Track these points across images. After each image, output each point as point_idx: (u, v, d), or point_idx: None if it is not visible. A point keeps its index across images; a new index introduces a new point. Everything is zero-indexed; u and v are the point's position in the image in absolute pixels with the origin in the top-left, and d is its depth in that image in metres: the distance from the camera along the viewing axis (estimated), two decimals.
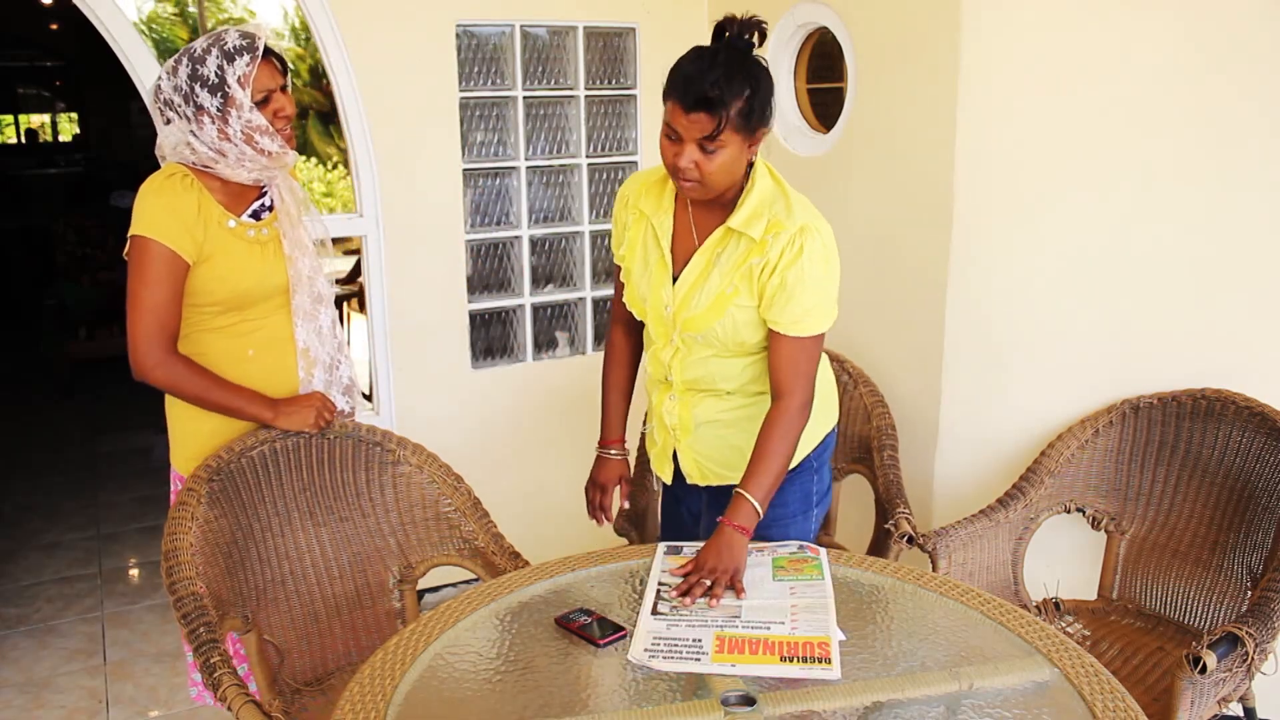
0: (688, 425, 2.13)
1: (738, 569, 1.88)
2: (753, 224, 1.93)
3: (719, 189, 1.91)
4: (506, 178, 3.63)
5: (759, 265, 1.93)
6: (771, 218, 1.93)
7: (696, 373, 2.07)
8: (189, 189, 2.06)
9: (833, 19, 3.10)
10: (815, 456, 2.18)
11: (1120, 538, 2.62)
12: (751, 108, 1.83)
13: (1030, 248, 2.69)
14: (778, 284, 1.91)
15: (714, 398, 2.10)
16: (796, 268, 1.90)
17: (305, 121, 11.40)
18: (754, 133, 1.87)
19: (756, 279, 1.93)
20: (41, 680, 3.28)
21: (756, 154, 1.95)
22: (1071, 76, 2.59)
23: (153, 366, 2.05)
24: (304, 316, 2.25)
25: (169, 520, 2.03)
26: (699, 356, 2.05)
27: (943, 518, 2.75)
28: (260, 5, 9.09)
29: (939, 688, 1.59)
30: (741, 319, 1.97)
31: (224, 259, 2.10)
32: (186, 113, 2.04)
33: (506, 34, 3.50)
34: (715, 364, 2.05)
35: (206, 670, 1.74)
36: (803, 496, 2.17)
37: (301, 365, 2.26)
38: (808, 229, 1.91)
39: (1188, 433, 2.58)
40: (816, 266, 1.92)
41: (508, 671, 1.69)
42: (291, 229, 2.21)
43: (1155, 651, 2.40)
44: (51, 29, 10.76)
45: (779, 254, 1.91)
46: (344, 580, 2.37)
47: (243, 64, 2.02)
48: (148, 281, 2.02)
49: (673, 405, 2.14)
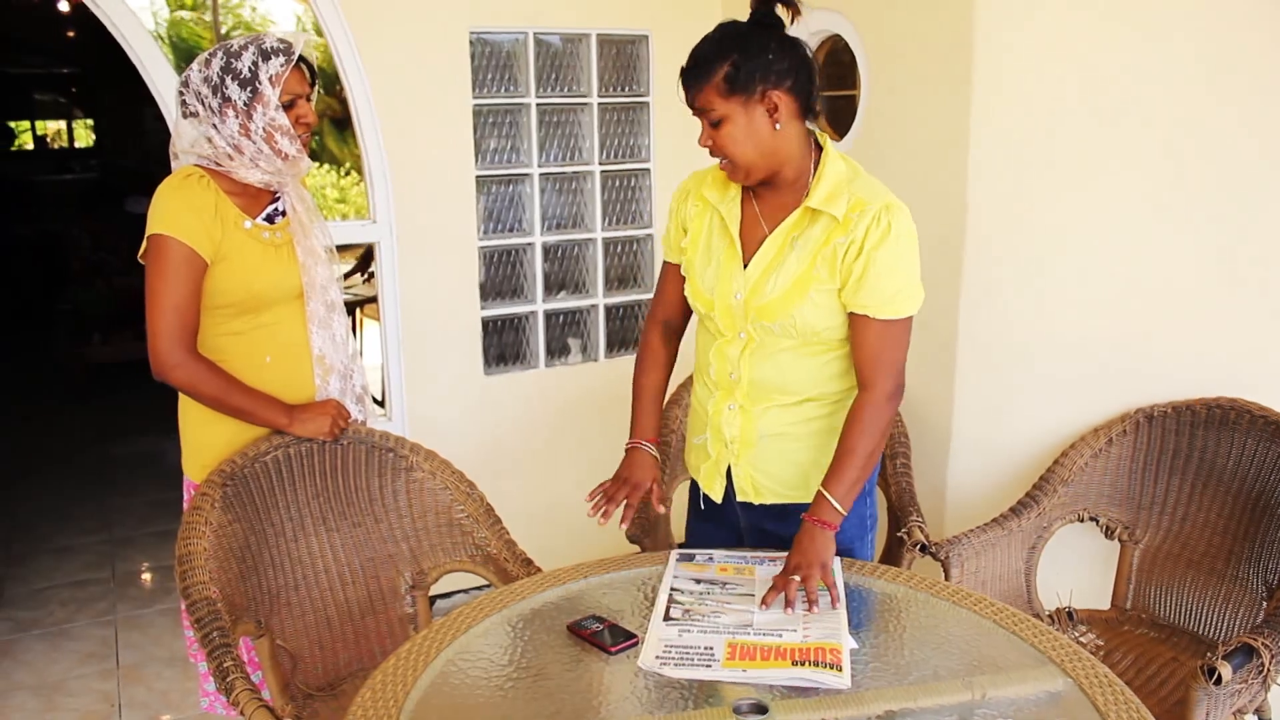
0: (750, 439, 2.03)
1: (825, 563, 1.83)
2: (834, 203, 1.86)
3: (749, 166, 1.87)
4: (519, 184, 3.64)
5: (844, 244, 1.85)
6: (852, 196, 1.86)
7: (766, 372, 1.97)
8: (206, 189, 2.08)
9: (846, 27, 3.10)
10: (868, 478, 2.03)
11: (1134, 547, 2.61)
12: (738, 71, 1.79)
13: (1044, 256, 2.68)
14: (864, 264, 1.83)
15: (780, 409, 2.00)
16: (886, 246, 1.83)
17: (320, 126, 11.43)
18: (751, 96, 1.80)
19: (841, 259, 1.86)
20: (54, 683, 3.29)
21: (800, 127, 1.88)
22: (1084, 86, 2.59)
23: (174, 366, 2.05)
24: (318, 323, 2.25)
25: (183, 525, 2.04)
26: (771, 351, 1.96)
27: (955, 526, 2.75)
28: (275, 12, 9.12)
29: (952, 697, 1.59)
30: (823, 303, 1.89)
31: (240, 259, 2.11)
32: (212, 104, 2.06)
33: (520, 41, 3.51)
34: (788, 360, 1.96)
35: (220, 675, 1.74)
36: (858, 521, 2.07)
37: (318, 372, 2.26)
38: (893, 206, 1.85)
39: (1202, 442, 2.57)
40: (905, 243, 1.86)
41: (519, 678, 1.69)
42: (304, 237, 2.22)
43: (1170, 662, 2.39)
44: (68, 36, 10.82)
45: (864, 232, 1.83)
46: (356, 586, 2.37)
47: (277, 64, 2.05)
48: (168, 279, 2.03)
49: (733, 416, 2.03)
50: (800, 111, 1.86)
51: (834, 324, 1.92)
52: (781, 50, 1.82)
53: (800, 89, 1.84)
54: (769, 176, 1.90)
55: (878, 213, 1.84)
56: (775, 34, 1.84)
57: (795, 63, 1.83)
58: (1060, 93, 2.59)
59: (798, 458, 2.02)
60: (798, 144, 1.88)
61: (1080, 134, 2.62)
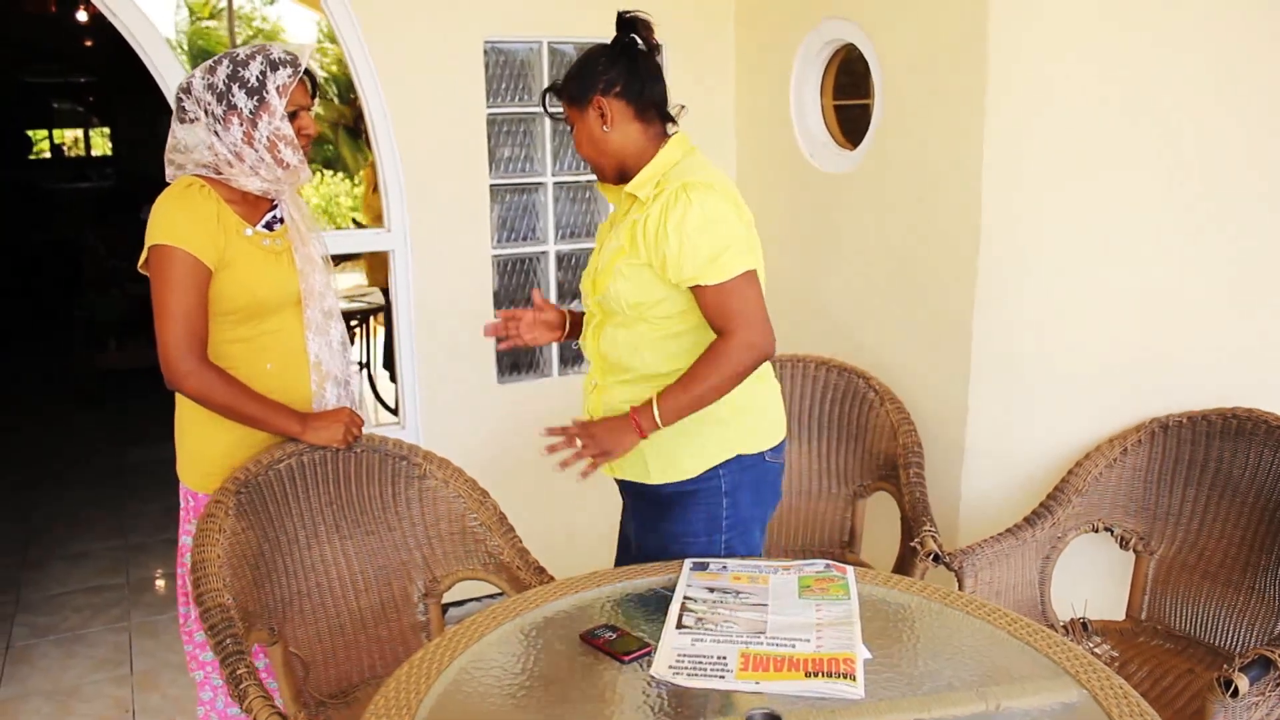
0: (596, 413, 2.19)
1: (609, 451, 2.03)
2: (643, 186, 2.06)
3: (594, 162, 2.13)
4: (533, 193, 3.64)
5: (642, 220, 2.02)
6: (664, 180, 2.04)
7: (605, 348, 2.15)
8: (208, 199, 2.09)
9: (859, 36, 3.10)
10: (726, 477, 2.13)
11: (1149, 558, 2.60)
12: (571, 83, 2.09)
13: (1058, 264, 2.68)
14: (674, 239, 1.98)
15: (619, 385, 2.15)
16: (689, 219, 1.96)
17: (334, 134, 11.49)
18: (585, 103, 2.07)
19: (642, 235, 2.02)
20: (69, 689, 3.30)
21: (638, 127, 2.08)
22: (1099, 94, 2.58)
23: (186, 374, 2.06)
24: (316, 330, 2.27)
25: (197, 532, 2.05)
26: (608, 328, 2.14)
27: (969, 536, 2.74)
28: (290, 21, 9.14)
29: (966, 708, 1.58)
30: (631, 276, 2.05)
31: (244, 266, 2.12)
32: (216, 112, 2.07)
33: (534, 51, 3.52)
34: (622, 338, 2.12)
35: (233, 682, 1.75)
36: (708, 519, 2.14)
37: (314, 378, 2.27)
38: (693, 185, 1.99)
39: (1218, 452, 2.56)
40: (709, 215, 1.98)
41: (532, 687, 1.69)
42: (303, 245, 2.24)
43: (1185, 674, 2.37)
44: (85, 45, 10.90)
45: (660, 209, 1.99)
46: (369, 593, 2.37)
47: (284, 74, 2.08)
48: (175, 289, 2.04)
49: (593, 391, 2.22)
50: (635, 114, 2.07)
51: (647, 300, 2.06)
52: (612, 63, 2.07)
53: (630, 94, 2.06)
54: (617, 171, 2.12)
55: (675, 191, 1.99)
56: (616, 49, 2.08)
57: (624, 72, 2.06)
58: (1076, 102, 2.58)
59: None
60: (635, 142, 2.09)
61: (1095, 144, 2.61)
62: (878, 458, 2.87)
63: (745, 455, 2.13)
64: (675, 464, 2.12)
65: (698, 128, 4.00)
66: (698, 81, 3.71)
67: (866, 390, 2.92)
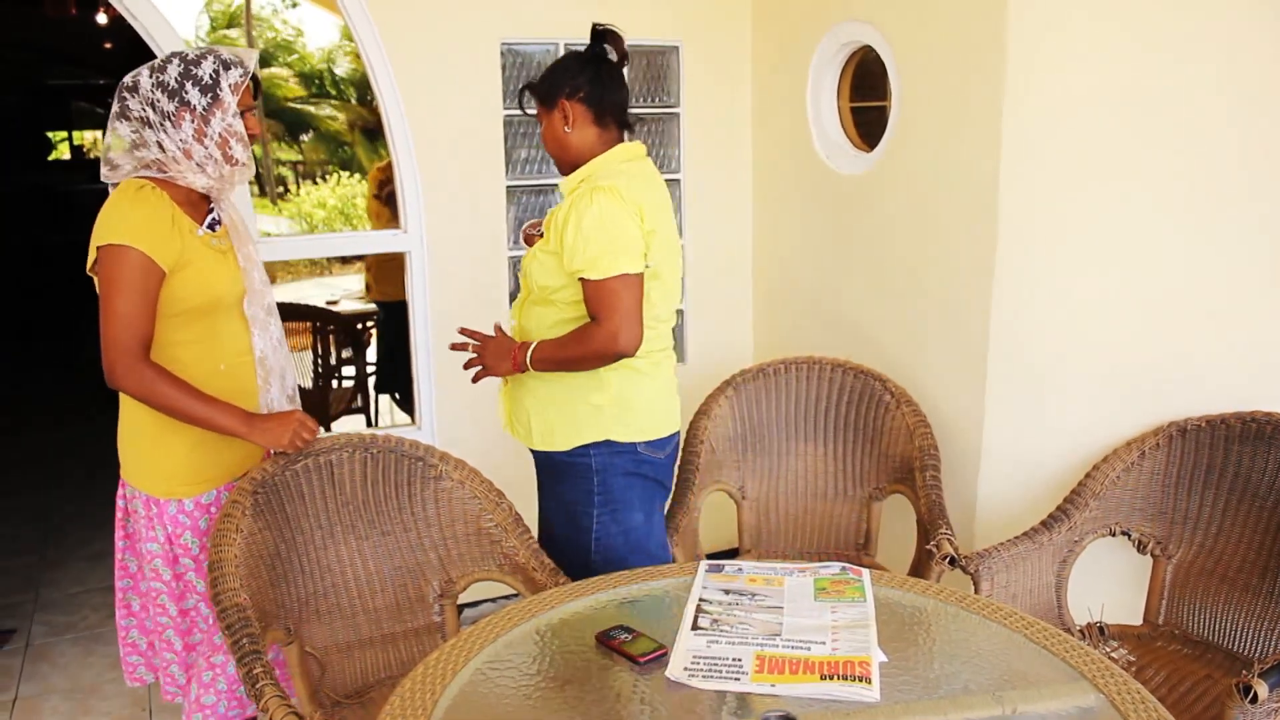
0: (509, 381, 2.41)
1: (491, 370, 2.32)
2: (569, 184, 2.30)
3: (555, 159, 2.36)
4: (550, 195, 3.65)
5: (557, 214, 2.23)
6: (586, 179, 2.24)
7: (525, 321, 2.36)
8: (162, 200, 2.10)
9: (876, 37, 3.10)
10: (597, 457, 2.31)
11: (1166, 562, 2.58)
12: (542, 84, 2.30)
13: (1076, 267, 2.66)
14: (564, 228, 2.17)
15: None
16: (588, 216, 2.14)
17: (351, 137, 11.52)
18: (552, 104, 2.28)
19: (553, 225, 2.23)
20: (88, 687, 3.32)
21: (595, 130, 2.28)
22: (1117, 96, 2.57)
23: (124, 373, 2.06)
24: (259, 326, 2.28)
25: (214, 532, 2.06)
26: (529, 304, 2.34)
27: (985, 539, 2.73)
28: (308, 25, 9.16)
29: (982, 711, 1.57)
30: (545, 261, 2.25)
31: (199, 265, 2.14)
32: (167, 109, 2.09)
33: (550, 52, 3.53)
34: (535, 313, 2.32)
35: (249, 681, 1.75)
36: (585, 492, 2.34)
37: (260, 374, 2.28)
38: (601, 187, 2.17)
39: (1237, 456, 2.54)
40: (604, 216, 2.14)
41: (548, 688, 1.69)
42: (242, 244, 2.27)
43: (1203, 679, 2.36)
44: (105, 47, 10.97)
45: (569, 204, 2.19)
46: (385, 594, 2.38)
47: (236, 74, 2.13)
48: (123, 289, 2.03)
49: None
50: (594, 118, 2.28)
51: (551, 284, 2.26)
52: (582, 70, 2.27)
53: (591, 100, 2.27)
54: (571, 168, 2.32)
55: (585, 191, 2.18)
56: (586, 58, 2.29)
57: (589, 79, 2.26)
58: (1094, 104, 2.57)
59: (525, 403, 2.36)
60: (590, 145, 2.29)
61: (1114, 146, 2.60)
62: (894, 460, 2.86)
63: (616, 441, 2.30)
64: (552, 435, 2.32)
65: (713, 129, 4.01)
66: (715, 83, 3.71)
67: (883, 393, 2.92)
